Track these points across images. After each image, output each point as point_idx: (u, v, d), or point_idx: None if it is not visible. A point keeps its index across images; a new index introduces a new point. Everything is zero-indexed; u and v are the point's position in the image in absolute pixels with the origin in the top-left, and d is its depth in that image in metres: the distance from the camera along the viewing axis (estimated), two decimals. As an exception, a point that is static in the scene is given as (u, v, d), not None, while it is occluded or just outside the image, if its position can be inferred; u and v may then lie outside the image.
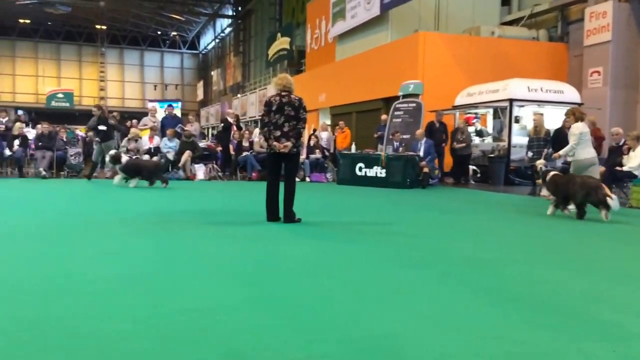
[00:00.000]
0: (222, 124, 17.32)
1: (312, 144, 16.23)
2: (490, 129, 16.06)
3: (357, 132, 18.86)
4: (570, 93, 14.92)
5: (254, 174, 15.35)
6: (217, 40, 44.67)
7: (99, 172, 14.69)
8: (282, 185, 6.77)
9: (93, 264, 4.25)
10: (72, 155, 15.15)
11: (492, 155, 14.85)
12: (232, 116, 17.20)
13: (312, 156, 16.04)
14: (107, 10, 37.50)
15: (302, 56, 28.54)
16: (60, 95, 41.10)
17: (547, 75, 15.93)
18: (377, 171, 13.70)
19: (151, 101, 37.26)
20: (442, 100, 15.90)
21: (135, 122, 17.24)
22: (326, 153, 16.45)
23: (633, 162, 10.02)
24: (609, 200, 7.41)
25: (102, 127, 13.61)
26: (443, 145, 14.71)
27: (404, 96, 16.19)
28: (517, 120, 14.95)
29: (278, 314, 3.06)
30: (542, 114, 12.47)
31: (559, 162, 10.63)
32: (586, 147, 8.32)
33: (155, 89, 46.00)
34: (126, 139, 15.10)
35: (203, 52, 49.02)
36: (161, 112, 20.60)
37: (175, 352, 2.44)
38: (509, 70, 15.88)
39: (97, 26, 42.41)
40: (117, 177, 11.91)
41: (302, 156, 14.61)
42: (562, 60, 17.62)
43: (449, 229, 6.82)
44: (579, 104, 13.51)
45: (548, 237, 6.39)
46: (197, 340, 2.60)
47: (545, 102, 14.56)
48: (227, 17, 41.01)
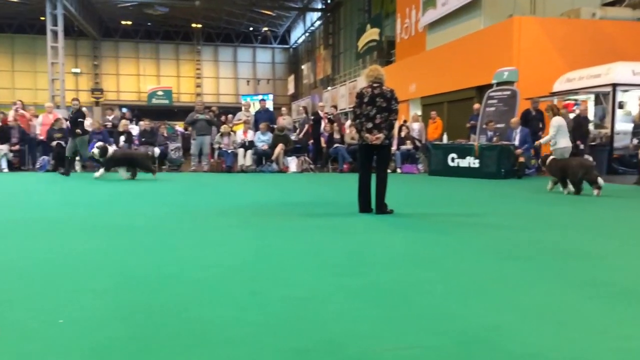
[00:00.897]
0: (313, 117, 17.54)
1: (403, 135, 16.12)
2: (591, 115, 15.29)
3: (449, 122, 18.51)
4: (679, 75, 13.93)
5: (345, 165, 15.45)
6: (307, 34, 45.17)
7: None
8: (373, 176, 6.79)
9: (199, 254, 4.44)
10: (172, 150, 15.88)
11: (593, 143, 14.13)
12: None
13: (403, 147, 15.93)
14: (202, 9, 38.87)
15: (391, 47, 28.30)
16: (160, 93, 43.14)
17: (654, 58, 14.94)
18: (470, 161, 13.41)
19: (244, 96, 38.29)
20: (539, 87, 15.29)
21: (231, 116, 17.81)
22: (417, 144, 16.28)
23: None
24: (599, 180, 9.00)
25: (84, 122, 13.50)
26: (540, 133, 14.18)
27: (498, 84, 15.72)
28: (621, 106, 14.14)
29: (374, 304, 3.08)
30: (648, 99, 11.76)
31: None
32: (564, 137, 9.97)
33: (248, 84, 47.21)
34: (218, 134, 15.65)
35: (293, 47, 49.72)
36: (254, 106, 21.17)
37: (275, 338, 2.52)
38: (611, 53, 15.01)
39: (193, 25, 44.05)
40: (101, 171, 11.98)
41: (393, 147, 14.54)
42: (670, 41, 16.45)
43: (547, 221, 6.58)
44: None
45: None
46: (295, 328, 2.67)
47: (652, 86, 13.68)
48: (317, 10, 41.36)
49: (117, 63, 44.62)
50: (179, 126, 20.36)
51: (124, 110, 26.12)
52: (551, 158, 9.86)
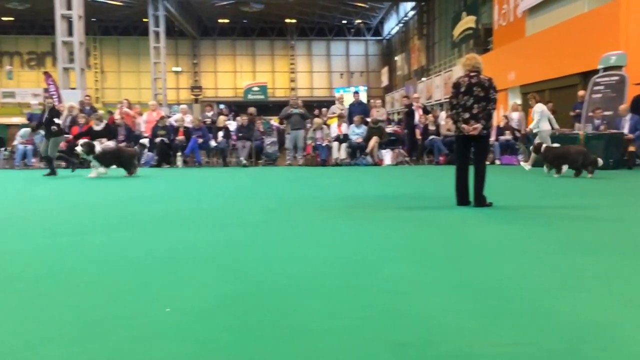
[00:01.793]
0: (406, 109, 17.30)
1: (501, 125, 15.57)
2: None
3: (551, 110, 17.63)
4: None
5: (441, 158, 15.15)
6: (401, 25, 44.65)
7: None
8: (471, 168, 6.60)
9: (297, 246, 4.50)
10: (268, 145, 16.21)
11: None
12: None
13: (502, 138, 15.39)
14: (296, 4, 39.40)
15: (488, 34, 27.37)
16: (256, 89, 44.20)
17: None
18: (575, 152, 12.74)
19: (337, 89, 38.46)
20: (651, 71, 14.23)
21: (325, 110, 17.91)
22: (517, 134, 15.66)
23: None
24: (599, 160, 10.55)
25: (57, 121, 12.56)
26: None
27: (605, 69, 14.79)
28: None
29: (472, 298, 3.00)
30: None
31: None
32: (545, 121, 12.06)
33: (342, 77, 47.38)
34: (312, 128, 15.78)
35: (387, 38, 49.33)
36: (348, 99, 21.18)
37: (374, 331, 2.50)
38: None
39: (287, 20, 44.77)
40: (95, 172, 11.48)
41: (491, 138, 14.07)
42: None
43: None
44: None
45: None
46: (394, 321, 2.64)
47: None
48: (411, 0, 40.76)
49: (215, 61, 46.15)
50: (274, 121, 20.75)
51: (222, 106, 26.96)
52: (545, 146, 11.08)
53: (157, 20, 32.18)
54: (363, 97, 28.05)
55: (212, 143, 15.88)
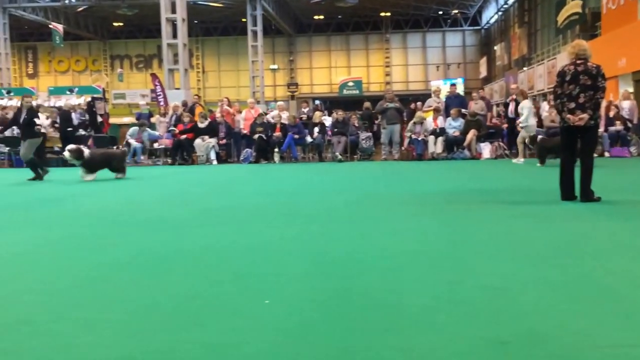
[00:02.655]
0: (504, 101, 16.70)
1: (611, 115, 14.67)
2: None
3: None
4: None
5: (543, 150, 14.50)
6: (500, 13, 43.11)
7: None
8: (577, 161, 6.28)
9: (390, 241, 4.48)
10: (363, 139, 16.20)
11: None
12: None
13: (611, 128, 14.50)
14: (391, -2, 39.11)
15: (596, 19, 25.84)
16: (351, 84, 44.31)
17: None
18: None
19: (434, 82, 37.79)
20: None
21: (420, 104, 17.66)
22: (629, 124, 14.70)
23: None
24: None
25: (38, 122, 11.52)
26: None
27: None
28: None
29: (578, 297, 2.86)
30: None
31: None
32: (532, 117, 12.83)
33: (438, 70, 46.49)
34: (411, 122, 15.59)
35: (485, 27, 47.83)
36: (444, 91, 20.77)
37: (472, 328, 2.45)
38: None
39: (382, 14, 44.47)
40: (88, 176, 10.61)
41: (600, 129, 13.30)
42: None
43: None
44: None
45: None
46: (492, 318, 2.57)
47: None
48: (510, -13, 39.25)
49: (311, 57, 46.69)
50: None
51: (317, 102, 27.27)
52: (540, 137, 12.18)
53: (254, 19, 33.01)
54: (460, 90, 27.39)
55: (308, 139, 16.09)
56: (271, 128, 15.95)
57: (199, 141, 15.69)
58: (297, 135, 15.71)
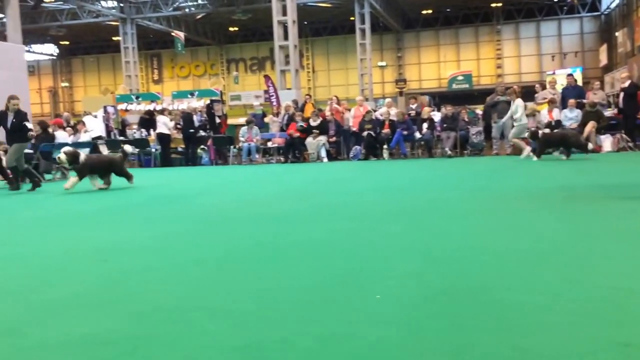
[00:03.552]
0: (625, 89, 15.75)
1: None
2: None
3: None
4: None
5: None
6: (622, -3, 40.47)
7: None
8: None
9: (501, 236, 4.46)
10: (473, 134, 15.98)
11: None
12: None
13: None
14: (502, -13, 37.86)
15: None
16: (460, 78, 43.41)
17: None
18: None
19: (549, 73, 36.17)
20: None
21: (537, 95, 17.09)
22: None
23: None
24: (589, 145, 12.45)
25: (29, 125, 10.67)
26: None
27: None
28: None
29: None
30: None
31: None
32: (524, 114, 13.76)
33: (553, 60, 44.38)
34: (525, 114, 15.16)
35: (605, 13, 45.03)
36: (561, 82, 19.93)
37: (593, 329, 2.40)
38: None
39: (493, 4, 43.18)
40: (72, 181, 9.68)
41: None
42: None
43: None
44: None
45: None
46: (615, 318, 2.51)
47: None
48: (633, -32, 36.76)
49: (419, 52, 46.21)
50: (480, 110, 20.32)
51: (426, 98, 27.03)
52: (542, 132, 12.88)
53: (362, 17, 33.27)
54: (578, 80, 26.09)
55: (417, 135, 16.11)
56: (380, 125, 16.13)
57: (310, 139, 16.21)
58: (405, 132, 15.79)
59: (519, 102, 13.92)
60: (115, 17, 34.99)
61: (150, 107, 20.17)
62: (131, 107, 20.65)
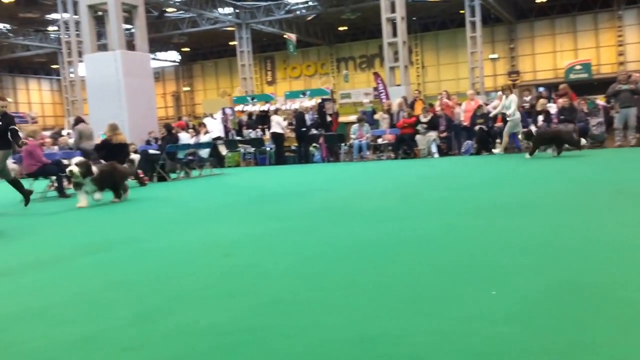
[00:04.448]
0: None
1: None
2: None
3: None
4: None
5: None
6: None
7: None
8: None
9: (619, 233, 4.38)
10: (594, 126, 15.32)
11: None
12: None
13: None
14: (624, -30, 35.58)
15: None
16: (578, 67, 41.24)
17: None
18: None
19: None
20: None
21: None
22: None
23: None
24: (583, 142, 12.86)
25: (16, 128, 9.20)
26: None
27: None
28: None
29: None
30: None
31: None
32: (517, 110, 14.30)
33: (684, 44, 41.06)
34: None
35: None
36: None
37: None
38: None
39: (614, -11, 40.69)
40: (85, 200, 8.78)
41: None
42: None
43: None
44: None
45: None
46: None
47: None
48: None
49: (533, 43, 44.41)
50: (600, 100, 19.36)
51: (540, 89, 26.06)
52: (537, 130, 13.14)
53: (473, 10, 32.61)
54: None
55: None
56: (492, 119, 15.89)
57: (420, 135, 16.28)
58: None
59: (512, 97, 14.13)
60: (231, 22, 36.71)
61: (264, 107, 21.05)
62: (247, 108, 21.66)
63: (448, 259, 3.85)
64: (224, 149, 18.54)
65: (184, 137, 17.01)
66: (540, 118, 15.55)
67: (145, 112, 17.35)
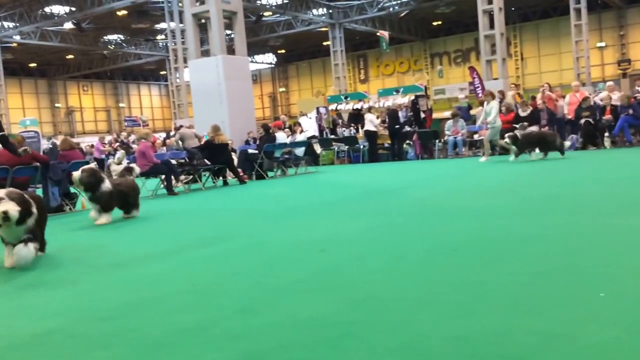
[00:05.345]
0: None
1: None
2: None
3: None
4: None
5: None
6: None
7: None
8: None
9: None
10: None
11: None
12: None
13: None
14: None
15: None
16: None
17: None
18: None
19: None
20: None
21: None
22: None
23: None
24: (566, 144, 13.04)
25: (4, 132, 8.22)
26: None
27: None
28: None
29: None
30: None
31: None
32: (498, 117, 13.85)
33: None
34: None
35: None
36: None
37: None
38: None
39: None
40: (96, 214, 7.72)
41: None
42: None
43: None
44: None
45: None
46: None
47: None
48: None
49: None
50: None
51: (654, 78, 24.42)
52: (522, 133, 12.98)
53: (579, -4, 31.11)
54: None
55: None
56: (600, 111, 15.08)
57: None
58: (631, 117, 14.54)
59: (494, 104, 13.80)
60: (325, 23, 37.16)
61: (358, 106, 21.13)
62: (341, 107, 21.82)
63: (551, 259, 3.73)
64: (318, 148, 18.80)
65: (281, 137, 17.41)
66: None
67: (245, 113, 17.99)
